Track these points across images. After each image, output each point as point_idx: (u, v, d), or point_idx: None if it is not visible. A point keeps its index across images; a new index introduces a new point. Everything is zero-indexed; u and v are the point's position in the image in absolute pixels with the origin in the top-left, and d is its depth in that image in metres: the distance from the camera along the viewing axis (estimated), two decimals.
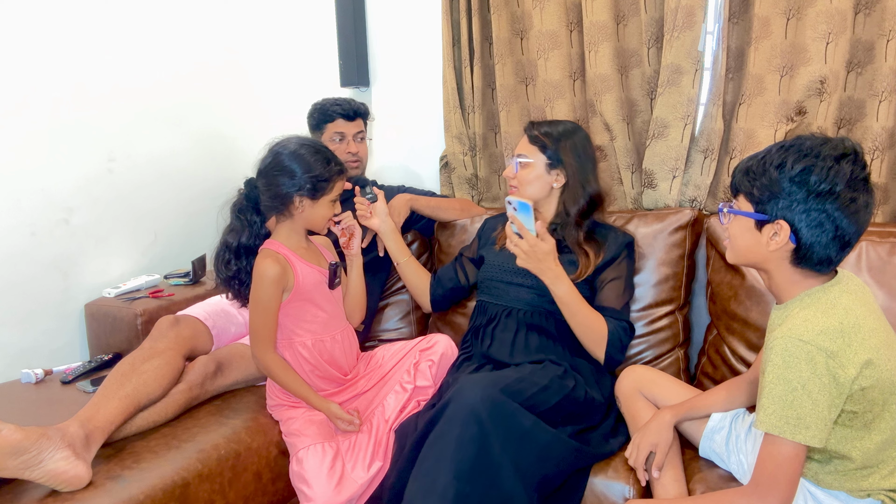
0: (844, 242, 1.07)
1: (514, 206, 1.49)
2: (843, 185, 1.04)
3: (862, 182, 1.06)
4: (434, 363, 1.62)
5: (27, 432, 1.16)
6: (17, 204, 1.85)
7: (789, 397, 1.02)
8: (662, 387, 1.42)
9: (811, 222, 1.06)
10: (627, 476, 1.36)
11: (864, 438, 1.07)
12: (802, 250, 1.08)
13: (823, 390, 1.01)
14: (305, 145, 1.45)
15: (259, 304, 1.45)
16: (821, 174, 1.04)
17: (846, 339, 1.03)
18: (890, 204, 1.76)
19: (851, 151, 1.06)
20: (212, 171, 2.47)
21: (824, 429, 1.02)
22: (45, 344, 1.95)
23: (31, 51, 1.87)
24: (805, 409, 1.01)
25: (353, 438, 1.47)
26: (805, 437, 1.02)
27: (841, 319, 1.05)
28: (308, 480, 1.38)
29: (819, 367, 1.01)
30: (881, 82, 1.68)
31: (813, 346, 1.02)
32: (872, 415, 1.06)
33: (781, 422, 1.03)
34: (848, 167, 1.04)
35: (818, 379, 1.01)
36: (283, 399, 1.54)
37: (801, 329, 1.04)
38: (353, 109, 2.01)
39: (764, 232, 1.11)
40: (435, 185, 2.39)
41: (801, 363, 1.01)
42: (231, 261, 1.50)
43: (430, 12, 2.27)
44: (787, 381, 1.02)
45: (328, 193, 1.46)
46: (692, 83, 1.83)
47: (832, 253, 1.07)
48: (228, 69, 2.53)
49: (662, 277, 1.79)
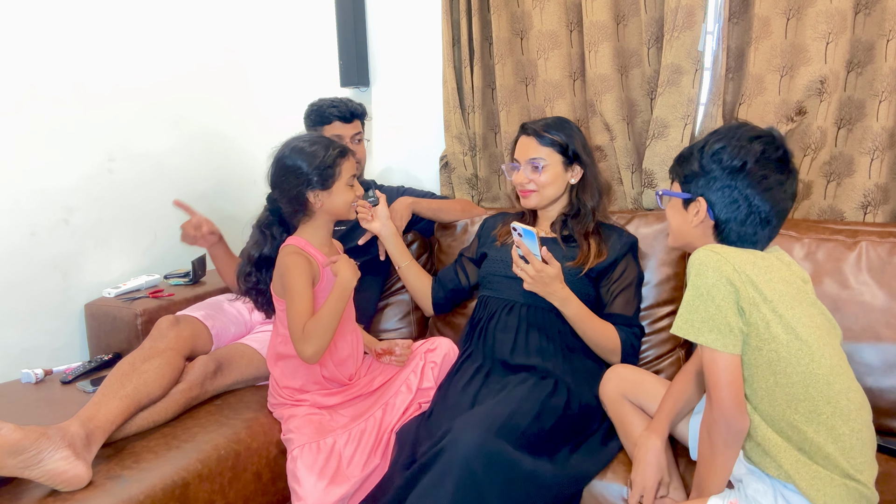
0: (762, 219, 1.14)
1: (520, 231, 1.50)
2: (752, 163, 1.12)
3: (775, 161, 1.14)
4: (437, 364, 1.63)
5: (26, 432, 1.16)
6: (17, 204, 1.85)
7: (695, 302, 1.09)
8: (646, 389, 1.41)
9: (725, 199, 1.15)
10: (625, 477, 1.36)
11: (773, 389, 1.09)
12: (720, 226, 1.17)
13: (727, 297, 1.06)
14: (301, 141, 1.46)
15: (293, 291, 1.41)
16: (732, 151, 1.14)
17: (756, 270, 1.09)
18: (890, 204, 1.76)
19: (767, 134, 1.15)
20: (212, 171, 2.48)
21: (729, 334, 1.06)
22: (45, 344, 1.95)
23: (31, 50, 1.87)
24: (709, 313, 1.07)
25: (351, 433, 1.46)
26: (708, 340, 1.07)
27: (756, 259, 1.12)
28: (299, 479, 1.38)
29: (723, 276, 1.07)
30: (881, 82, 1.68)
31: (722, 258, 1.08)
32: (777, 354, 1.07)
33: (687, 325, 1.10)
34: (759, 146, 1.13)
35: (722, 286, 1.06)
36: (286, 398, 1.54)
37: (717, 247, 1.12)
38: (350, 111, 1.99)
39: (689, 210, 1.20)
40: (435, 185, 2.39)
41: (708, 270, 1.08)
42: (252, 273, 1.51)
43: (430, 12, 2.27)
44: (695, 286, 1.09)
45: (339, 179, 1.46)
46: (692, 83, 1.83)
47: (749, 230, 1.15)
48: (228, 69, 2.53)
49: (664, 278, 1.79)
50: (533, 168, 1.68)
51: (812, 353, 1.08)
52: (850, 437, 1.07)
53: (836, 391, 1.08)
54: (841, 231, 1.64)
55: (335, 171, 1.45)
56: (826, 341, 1.11)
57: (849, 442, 1.07)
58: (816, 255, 1.62)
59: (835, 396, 1.08)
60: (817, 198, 1.84)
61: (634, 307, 1.65)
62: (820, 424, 1.07)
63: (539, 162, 1.67)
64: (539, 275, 1.50)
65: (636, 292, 1.68)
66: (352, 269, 1.44)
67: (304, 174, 1.43)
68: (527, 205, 1.73)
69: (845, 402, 1.08)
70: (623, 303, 1.63)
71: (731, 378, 1.07)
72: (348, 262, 1.45)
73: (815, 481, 1.06)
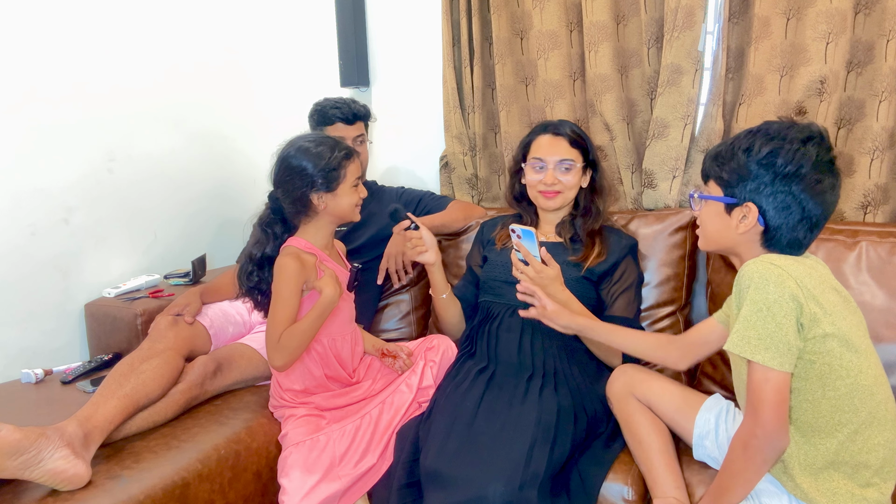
0: (812, 224, 1.10)
1: (518, 233, 1.49)
2: (808, 167, 1.07)
3: (827, 164, 1.09)
4: (436, 363, 1.62)
5: (26, 432, 1.16)
6: (16, 204, 1.85)
7: (753, 318, 1.03)
8: (654, 387, 1.41)
9: (778, 204, 1.09)
10: (626, 477, 1.36)
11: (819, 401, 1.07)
12: (771, 232, 1.11)
13: (789, 315, 1.02)
14: (307, 141, 1.45)
15: (278, 298, 1.43)
16: (787, 156, 1.08)
17: (813, 282, 1.05)
18: (890, 204, 1.76)
19: (817, 134, 1.09)
20: (212, 170, 2.48)
21: (787, 353, 1.02)
22: (45, 344, 1.95)
23: (31, 50, 1.87)
24: (768, 331, 1.02)
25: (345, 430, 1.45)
26: (764, 359, 1.02)
27: (810, 270, 1.08)
28: (288, 474, 1.38)
29: (787, 292, 1.02)
30: (881, 82, 1.68)
31: (784, 272, 1.03)
32: (829, 367, 1.05)
33: (743, 341, 1.04)
34: (814, 150, 1.08)
35: (785, 302, 1.02)
36: (287, 401, 1.54)
37: (776, 258, 1.07)
38: (352, 113, 1.98)
39: (733, 215, 1.14)
40: (435, 185, 2.39)
41: (769, 285, 1.02)
42: (253, 272, 1.49)
43: (430, 12, 2.27)
44: (754, 302, 1.03)
45: (343, 181, 1.45)
46: (692, 83, 1.83)
47: (800, 235, 1.10)
48: (228, 69, 2.53)
49: (664, 278, 1.80)
50: (564, 169, 1.67)
51: (860, 364, 1.06)
52: (882, 448, 1.07)
53: (877, 401, 1.08)
54: (841, 231, 1.64)
55: (340, 173, 1.44)
56: (871, 350, 1.10)
57: (882, 452, 1.07)
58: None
59: (876, 406, 1.07)
60: None
61: (635, 309, 1.65)
62: (858, 435, 1.06)
63: (570, 164, 1.67)
64: (539, 276, 1.49)
65: (636, 294, 1.68)
66: (334, 287, 1.42)
67: (308, 175, 1.42)
68: (549, 206, 1.71)
69: (883, 412, 1.08)
70: (624, 305, 1.63)
71: (780, 398, 1.03)
72: (331, 280, 1.43)
73: (834, 497, 1.05)
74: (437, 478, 1.29)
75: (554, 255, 1.53)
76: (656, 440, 1.35)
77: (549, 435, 1.34)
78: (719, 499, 1.13)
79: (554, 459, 1.31)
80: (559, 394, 1.46)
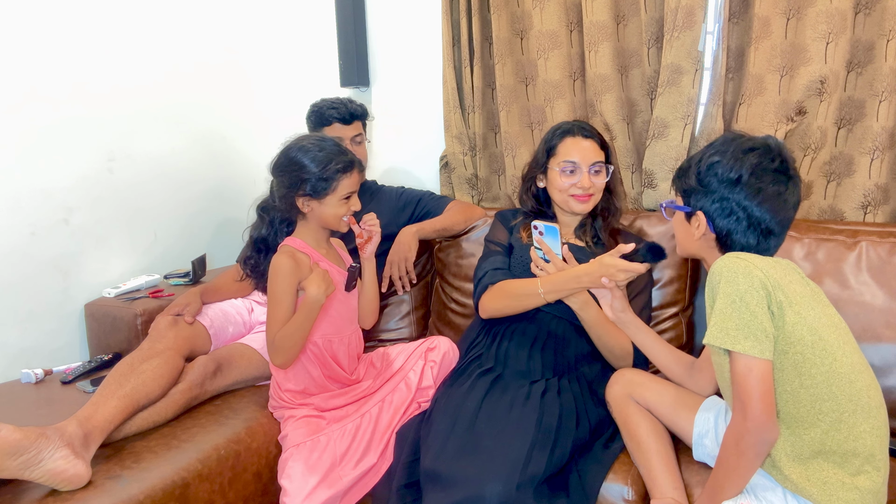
0: (764, 230, 1.15)
1: (541, 230, 1.46)
2: (747, 175, 1.13)
3: (772, 172, 1.14)
4: (436, 364, 1.62)
5: (26, 432, 1.16)
6: (16, 204, 1.85)
7: (728, 309, 1.07)
8: (652, 389, 1.41)
9: (723, 211, 1.16)
10: (626, 477, 1.36)
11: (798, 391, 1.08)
12: (722, 238, 1.19)
13: (761, 302, 1.06)
14: (312, 142, 1.45)
15: (272, 297, 1.44)
16: (727, 165, 1.15)
17: (778, 273, 1.10)
18: (890, 204, 1.76)
19: (762, 145, 1.15)
20: (212, 170, 2.48)
21: (765, 339, 1.05)
22: (45, 344, 1.95)
23: (31, 50, 1.87)
24: (744, 320, 1.06)
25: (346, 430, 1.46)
26: (744, 347, 1.05)
27: (775, 263, 1.13)
28: (289, 475, 1.38)
29: (755, 281, 1.06)
30: (881, 82, 1.68)
31: (750, 263, 1.08)
32: (802, 357, 1.07)
33: (721, 333, 1.07)
34: (754, 158, 1.14)
35: (755, 291, 1.06)
36: (286, 401, 1.54)
37: (741, 254, 1.12)
38: (349, 112, 1.98)
39: (692, 223, 1.22)
40: (435, 185, 2.39)
41: (738, 276, 1.07)
42: (251, 255, 1.54)
43: (430, 12, 2.27)
44: (727, 294, 1.08)
45: (333, 193, 1.43)
46: (692, 83, 1.83)
47: (752, 240, 1.16)
48: (228, 69, 2.53)
49: (667, 280, 1.79)
50: (595, 172, 1.63)
51: (833, 352, 1.08)
52: (869, 435, 1.08)
53: (857, 389, 1.09)
54: (841, 231, 1.64)
55: (331, 184, 1.43)
56: (845, 339, 1.12)
57: (869, 440, 1.07)
58: (816, 255, 1.63)
59: (857, 394, 1.08)
60: (817, 198, 1.84)
61: (648, 314, 1.64)
62: (842, 423, 1.07)
63: (601, 165, 1.64)
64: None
65: (648, 299, 1.66)
66: (318, 286, 1.40)
67: (299, 176, 1.42)
68: (583, 210, 1.65)
69: (866, 400, 1.09)
70: (637, 309, 1.59)
71: (765, 388, 1.06)
72: (317, 280, 1.41)
73: (825, 487, 1.06)
74: (437, 478, 1.29)
75: (578, 259, 1.50)
76: (655, 442, 1.35)
77: (550, 437, 1.34)
78: (715, 496, 1.14)
79: (553, 461, 1.30)
80: (562, 397, 1.45)
